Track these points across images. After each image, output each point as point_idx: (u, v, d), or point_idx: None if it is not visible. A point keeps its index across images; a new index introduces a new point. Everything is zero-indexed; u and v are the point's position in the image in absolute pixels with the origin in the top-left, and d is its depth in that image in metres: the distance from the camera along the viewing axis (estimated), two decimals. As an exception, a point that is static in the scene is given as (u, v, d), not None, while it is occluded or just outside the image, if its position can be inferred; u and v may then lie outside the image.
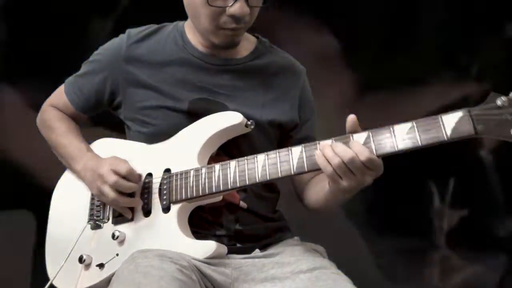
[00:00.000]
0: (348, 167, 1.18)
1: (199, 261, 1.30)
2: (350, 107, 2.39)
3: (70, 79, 1.59)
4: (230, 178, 1.32)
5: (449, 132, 1.19)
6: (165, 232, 1.36)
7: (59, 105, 1.60)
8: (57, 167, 1.59)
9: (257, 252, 1.40)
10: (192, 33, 1.49)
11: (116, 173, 1.38)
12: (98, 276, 1.40)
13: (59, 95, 1.60)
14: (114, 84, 1.50)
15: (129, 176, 1.39)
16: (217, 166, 1.35)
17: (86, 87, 1.54)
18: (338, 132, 1.25)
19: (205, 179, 1.35)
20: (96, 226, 1.45)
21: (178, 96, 1.44)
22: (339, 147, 1.19)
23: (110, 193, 1.38)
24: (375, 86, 2.43)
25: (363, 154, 1.18)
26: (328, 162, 1.20)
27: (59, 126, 1.57)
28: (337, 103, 2.41)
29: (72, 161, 1.51)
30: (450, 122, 1.19)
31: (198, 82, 1.45)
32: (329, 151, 1.20)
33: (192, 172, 1.36)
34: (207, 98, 1.44)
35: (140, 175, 1.42)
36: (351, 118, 1.22)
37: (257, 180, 1.30)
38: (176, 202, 1.37)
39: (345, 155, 1.18)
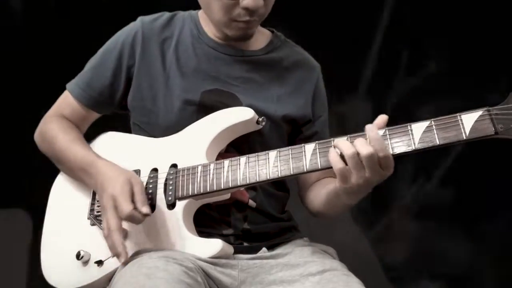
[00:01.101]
0: (362, 162, 1.17)
1: (205, 261, 1.29)
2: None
3: (73, 81, 1.56)
4: (240, 175, 1.31)
5: (468, 131, 1.17)
6: (169, 229, 1.34)
7: (64, 111, 1.55)
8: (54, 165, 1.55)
9: (264, 251, 1.38)
10: (206, 23, 1.50)
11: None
12: (96, 273, 1.38)
13: (63, 100, 1.56)
14: (129, 69, 1.48)
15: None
16: (226, 162, 1.33)
17: (97, 80, 1.51)
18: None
19: (213, 175, 1.33)
20: (95, 222, 1.43)
21: (190, 86, 1.44)
22: (359, 140, 1.18)
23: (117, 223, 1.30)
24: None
25: (383, 151, 1.16)
26: (341, 157, 1.19)
27: (62, 137, 1.48)
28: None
29: (83, 174, 1.43)
30: (469, 121, 1.18)
31: (212, 72, 1.45)
32: (346, 144, 1.18)
33: (199, 168, 1.35)
34: (220, 89, 1.44)
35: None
36: (383, 118, 1.21)
37: (268, 178, 1.29)
38: (182, 198, 1.35)
39: (363, 149, 1.16)
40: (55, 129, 1.51)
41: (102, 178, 1.35)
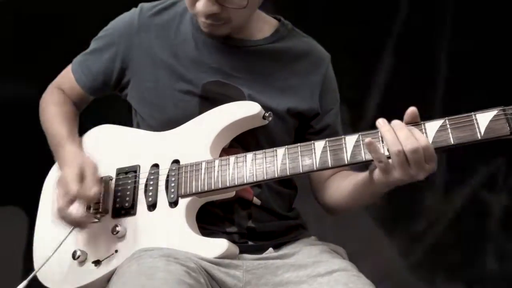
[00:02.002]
0: (407, 158, 1.15)
1: (208, 261, 1.27)
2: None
3: (78, 57, 1.56)
4: (246, 172, 1.30)
5: (483, 131, 1.17)
6: (171, 228, 1.32)
7: (65, 86, 1.56)
8: (50, 161, 1.52)
9: (270, 251, 1.37)
10: None
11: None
12: (93, 274, 1.35)
13: (66, 75, 1.57)
14: (125, 59, 1.47)
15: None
16: (232, 159, 1.32)
17: (95, 65, 1.50)
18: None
19: (218, 172, 1.32)
20: (93, 219, 1.38)
21: (191, 77, 1.41)
22: (403, 133, 1.16)
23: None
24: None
25: (427, 146, 1.15)
26: (383, 152, 1.17)
27: (50, 109, 1.52)
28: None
29: (55, 149, 1.47)
30: (484, 121, 1.17)
31: (213, 63, 1.42)
32: (392, 138, 1.16)
33: (203, 164, 1.33)
34: (221, 81, 1.41)
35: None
36: (413, 110, 1.19)
37: (276, 176, 1.28)
38: (185, 196, 1.33)
39: (408, 143, 1.14)
40: (49, 102, 1.55)
41: (60, 162, 1.42)
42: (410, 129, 1.17)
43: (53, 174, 1.50)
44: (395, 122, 1.18)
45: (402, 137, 1.15)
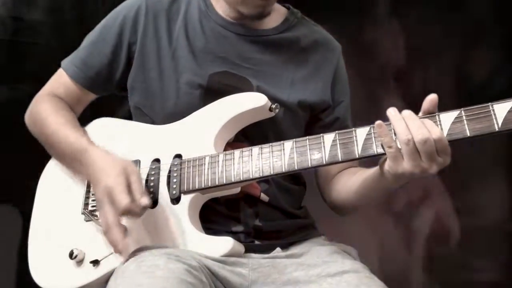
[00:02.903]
0: (418, 148, 1.11)
1: (212, 260, 1.24)
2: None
3: (67, 58, 1.50)
4: (252, 167, 1.27)
5: (500, 123, 1.14)
6: (173, 226, 1.29)
7: (58, 90, 1.49)
8: (45, 158, 1.49)
9: (278, 251, 1.34)
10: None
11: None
12: (92, 274, 1.32)
13: (57, 79, 1.51)
14: (130, 47, 1.42)
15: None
16: (237, 153, 1.29)
17: (95, 58, 1.46)
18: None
19: (222, 167, 1.29)
20: (91, 218, 1.36)
21: (198, 68, 1.39)
22: (415, 123, 1.12)
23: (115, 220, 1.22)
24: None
25: (440, 138, 1.11)
26: (393, 138, 1.13)
27: (54, 119, 1.42)
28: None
29: (74, 162, 1.36)
30: (501, 112, 1.14)
31: (220, 53, 1.40)
32: (402, 127, 1.12)
33: (207, 159, 1.30)
34: (229, 71, 1.39)
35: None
36: (433, 97, 1.15)
37: (284, 170, 1.25)
38: (187, 192, 1.31)
39: (418, 133, 1.11)
40: (47, 110, 1.45)
41: (94, 169, 1.29)
42: (423, 120, 1.14)
43: (48, 172, 1.47)
44: (406, 112, 1.15)
45: (413, 127, 1.12)
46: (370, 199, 1.34)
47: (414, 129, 1.11)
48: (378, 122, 1.14)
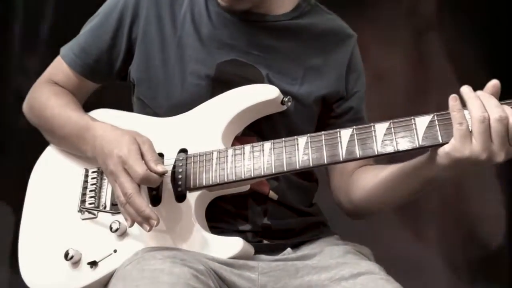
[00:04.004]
0: (491, 128, 1.07)
1: (219, 263, 1.21)
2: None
3: (67, 44, 1.46)
4: (264, 163, 1.23)
5: None
6: (178, 225, 1.26)
7: (57, 78, 1.46)
8: (36, 155, 1.44)
9: (288, 251, 1.31)
10: None
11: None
12: (89, 276, 1.28)
13: (56, 66, 1.47)
14: (131, 33, 1.37)
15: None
16: (247, 148, 1.25)
17: (94, 45, 1.41)
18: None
19: (231, 163, 1.25)
20: (88, 215, 1.32)
21: (204, 56, 1.35)
22: (492, 101, 1.08)
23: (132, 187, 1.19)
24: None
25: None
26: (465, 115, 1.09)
27: (53, 102, 1.39)
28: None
29: (78, 140, 1.32)
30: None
31: (227, 39, 1.36)
32: (476, 103, 1.08)
33: (215, 154, 1.26)
34: (238, 60, 1.35)
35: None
36: (495, 83, 1.11)
37: (298, 167, 1.21)
38: (193, 189, 1.26)
39: (495, 111, 1.06)
40: (46, 94, 1.42)
41: (101, 142, 1.27)
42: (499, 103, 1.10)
43: (42, 164, 1.43)
44: (480, 92, 1.11)
45: (490, 105, 1.08)
46: (399, 197, 1.28)
47: (491, 108, 1.08)
48: (453, 95, 1.10)
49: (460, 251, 2.39)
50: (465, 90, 1.11)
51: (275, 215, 1.32)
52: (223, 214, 1.29)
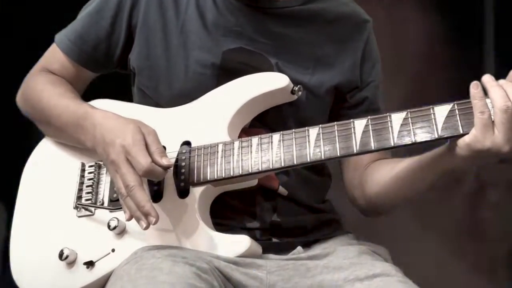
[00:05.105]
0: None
1: (224, 261, 1.17)
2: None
3: (62, 31, 1.43)
4: (272, 156, 1.19)
5: None
6: (180, 222, 1.22)
7: (52, 67, 1.43)
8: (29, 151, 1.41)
9: (299, 250, 1.28)
10: None
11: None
12: (85, 277, 1.25)
13: (51, 55, 1.44)
14: (131, 19, 1.34)
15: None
16: (255, 140, 1.21)
17: (92, 31, 1.38)
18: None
19: (238, 156, 1.21)
20: (85, 212, 1.28)
21: (209, 44, 1.31)
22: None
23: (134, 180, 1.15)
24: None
25: None
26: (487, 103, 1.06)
27: (50, 91, 1.35)
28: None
29: (76, 130, 1.27)
30: None
31: (234, 26, 1.33)
32: (499, 93, 1.05)
33: (220, 147, 1.23)
34: (245, 48, 1.32)
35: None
36: None
37: (309, 160, 1.18)
38: (197, 184, 1.23)
39: None
40: (41, 84, 1.39)
41: (101, 130, 1.23)
42: None
43: (36, 158, 1.39)
44: (504, 81, 1.08)
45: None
46: (417, 190, 1.25)
47: None
48: (475, 82, 1.08)
49: (484, 251, 2.36)
50: (487, 78, 1.09)
51: (284, 212, 1.29)
52: (229, 210, 1.26)
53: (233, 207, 1.26)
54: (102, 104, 1.36)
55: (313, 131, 1.17)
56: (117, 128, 1.20)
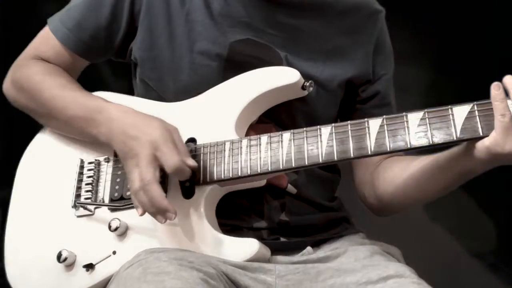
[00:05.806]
0: None
1: (231, 265, 1.15)
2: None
3: (55, 16, 1.37)
4: (283, 155, 1.16)
5: None
6: (185, 224, 1.19)
7: (45, 54, 1.37)
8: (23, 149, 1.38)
9: (308, 250, 1.25)
10: None
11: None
12: (84, 281, 1.22)
13: (43, 41, 1.39)
14: (134, 6, 1.29)
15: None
16: (264, 139, 1.18)
17: (90, 19, 1.33)
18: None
19: (246, 155, 1.19)
20: (84, 211, 1.25)
21: (216, 35, 1.28)
22: None
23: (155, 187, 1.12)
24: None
25: None
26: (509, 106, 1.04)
27: (51, 82, 1.31)
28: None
29: (87, 124, 1.24)
30: None
31: (242, 17, 1.29)
32: None
33: (227, 145, 1.20)
34: (253, 39, 1.28)
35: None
36: None
37: (320, 160, 1.15)
38: (203, 184, 1.19)
39: None
40: (39, 74, 1.34)
41: (120, 124, 1.20)
42: None
43: (32, 152, 1.35)
44: None
45: None
46: (431, 192, 1.23)
47: None
48: (496, 83, 1.05)
49: (499, 252, 2.34)
50: (509, 80, 1.07)
51: (293, 211, 1.27)
52: (235, 209, 1.24)
53: (239, 206, 1.24)
54: (104, 96, 1.30)
55: (326, 130, 1.14)
56: (141, 123, 1.18)
